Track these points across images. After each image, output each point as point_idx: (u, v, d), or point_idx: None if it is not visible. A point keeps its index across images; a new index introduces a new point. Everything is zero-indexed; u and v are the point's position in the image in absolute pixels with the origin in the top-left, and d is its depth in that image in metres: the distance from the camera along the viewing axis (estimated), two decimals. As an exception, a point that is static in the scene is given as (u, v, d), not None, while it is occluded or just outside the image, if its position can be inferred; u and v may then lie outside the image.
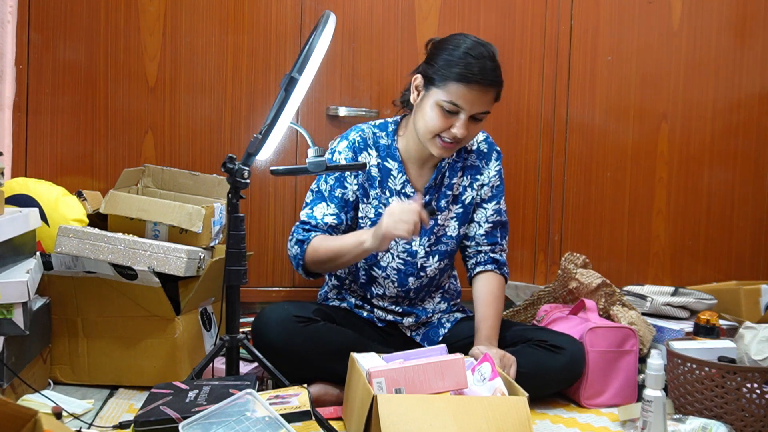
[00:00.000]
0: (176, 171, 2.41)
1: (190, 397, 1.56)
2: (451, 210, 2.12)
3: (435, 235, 2.11)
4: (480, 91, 1.90)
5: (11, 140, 2.45)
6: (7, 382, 1.79)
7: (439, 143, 1.95)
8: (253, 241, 2.57)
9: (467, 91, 1.89)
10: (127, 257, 1.98)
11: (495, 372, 1.68)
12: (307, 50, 1.71)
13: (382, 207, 2.07)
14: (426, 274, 2.13)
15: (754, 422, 1.79)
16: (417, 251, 2.10)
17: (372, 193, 2.08)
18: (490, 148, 2.16)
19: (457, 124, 1.92)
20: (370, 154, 2.08)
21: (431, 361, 1.64)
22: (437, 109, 1.92)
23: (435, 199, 2.10)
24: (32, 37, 2.44)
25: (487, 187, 2.14)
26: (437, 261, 2.13)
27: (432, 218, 2.07)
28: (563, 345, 2.02)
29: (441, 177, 2.11)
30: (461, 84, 1.89)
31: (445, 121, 1.92)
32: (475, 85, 1.89)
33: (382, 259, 2.10)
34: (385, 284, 2.12)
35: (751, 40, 2.79)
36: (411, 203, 1.84)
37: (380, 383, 1.61)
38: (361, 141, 2.08)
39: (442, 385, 1.62)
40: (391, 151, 2.08)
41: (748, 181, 2.83)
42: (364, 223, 2.09)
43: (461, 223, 2.13)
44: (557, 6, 2.69)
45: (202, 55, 2.52)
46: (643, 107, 2.76)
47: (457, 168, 2.12)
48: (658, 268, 2.81)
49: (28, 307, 1.81)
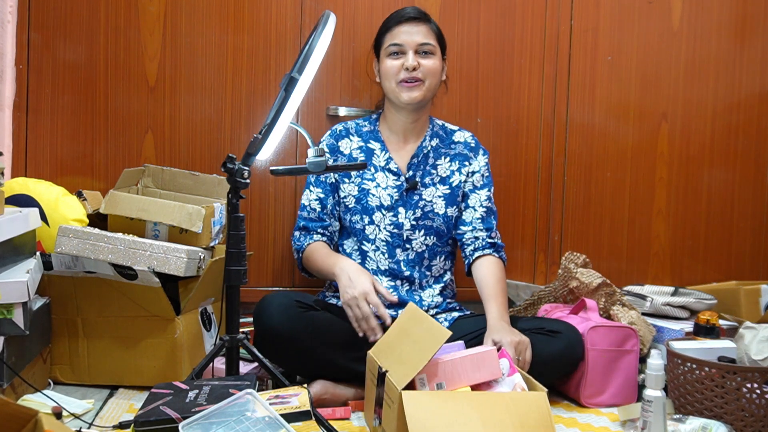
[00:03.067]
0: (176, 171, 2.41)
1: (190, 397, 1.56)
2: (438, 189, 2.23)
3: (421, 209, 2.20)
4: (411, 24, 2.18)
5: (11, 140, 2.45)
6: (8, 382, 1.79)
7: (403, 86, 2.16)
8: (253, 241, 2.57)
9: (398, 30, 2.18)
10: (127, 257, 1.98)
11: (513, 368, 1.71)
12: (307, 50, 1.71)
13: (366, 182, 2.21)
14: (412, 248, 2.20)
15: (754, 422, 1.79)
16: (403, 223, 2.20)
17: (354, 173, 2.21)
18: (477, 145, 2.32)
19: (406, 58, 2.15)
20: (351, 140, 2.25)
21: (468, 354, 1.69)
22: (387, 59, 2.19)
23: (418, 175, 2.22)
24: (32, 37, 2.44)
25: (478, 175, 2.28)
26: (423, 235, 2.20)
27: (415, 192, 2.20)
28: (559, 329, 2.04)
29: (424, 156, 2.24)
30: (394, 26, 2.19)
31: (396, 63, 2.17)
32: (404, 23, 2.18)
33: (371, 233, 2.19)
34: (376, 257, 2.20)
35: (751, 40, 2.79)
36: (369, 300, 1.96)
37: (422, 379, 1.64)
38: (343, 130, 2.28)
39: (478, 376, 1.67)
40: (374, 134, 2.26)
41: (748, 181, 2.83)
42: (348, 202, 2.22)
43: (448, 203, 2.24)
44: (557, 6, 2.69)
45: (202, 55, 2.52)
46: (643, 107, 2.76)
47: (441, 152, 2.27)
48: (658, 268, 2.81)
49: (28, 307, 1.81)
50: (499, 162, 2.66)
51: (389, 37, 2.19)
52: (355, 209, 2.20)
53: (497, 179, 2.52)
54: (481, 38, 2.65)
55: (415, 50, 2.16)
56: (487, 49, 2.65)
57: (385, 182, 2.21)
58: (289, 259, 2.61)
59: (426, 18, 2.21)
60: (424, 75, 2.16)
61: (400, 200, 2.20)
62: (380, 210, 2.19)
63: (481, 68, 2.66)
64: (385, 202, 2.19)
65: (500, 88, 2.67)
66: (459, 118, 2.63)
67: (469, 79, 2.65)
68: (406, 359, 1.66)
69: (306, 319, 1.96)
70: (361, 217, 2.20)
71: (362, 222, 2.20)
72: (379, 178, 2.21)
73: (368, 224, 2.20)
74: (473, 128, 2.63)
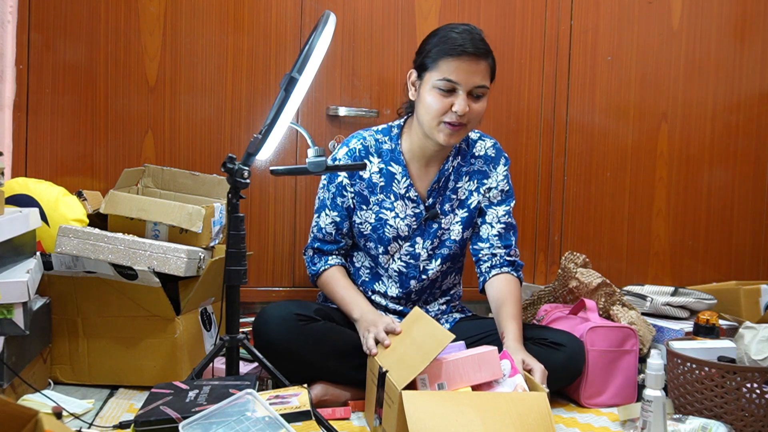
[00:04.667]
0: (176, 171, 2.41)
1: (190, 397, 1.56)
2: (456, 214, 2.12)
3: (438, 238, 2.11)
4: (470, 62, 1.91)
5: (11, 140, 2.45)
6: (8, 382, 1.79)
7: (445, 128, 1.95)
8: (253, 241, 2.57)
9: (458, 64, 1.91)
10: (127, 257, 1.98)
11: (515, 368, 1.70)
12: (307, 50, 1.71)
13: (384, 212, 2.08)
14: (428, 277, 2.13)
15: (754, 422, 1.79)
16: (420, 254, 2.10)
17: (373, 199, 2.09)
18: (498, 154, 2.15)
19: (457, 101, 1.92)
20: (372, 161, 2.09)
21: (469, 355, 1.68)
22: (434, 91, 1.94)
23: (439, 202, 2.10)
24: (32, 37, 2.44)
25: (495, 191, 2.12)
26: (439, 264, 2.13)
27: (435, 221, 2.09)
28: (563, 342, 2.02)
29: (445, 180, 2.10)
30: (451, 58, 1.91)
31: (444, 101, 1.93)
32: (464, 56, 1.91)
33: (384, 262, 2.11)
34: (388, 284, 2.14)
35: (751, 40, 2.79)
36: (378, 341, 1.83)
37: (423, 379, 1.64)
38: (363, 149, 2.09)
39: (479, 376, 1.66)
40: (394, 154, 2.09)
41: (748, 181, 2.83)
42: (364, 228, 2.10)
43: (465, 227, 2.13)
44: (557, 6, 2.69)
45: (202, 56, 2.52)
46: (643, 107, 2.76)
47: (462, 172, 2.12)
48: (658, 268, 2.81)
49: (28, 307, 1.81)
50: (499, 162, 2.66)
51: (444, 67, 1.91)
52: (371, 236, 2.10)
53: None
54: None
55: (469, 91, 1.93)
56: (487, 49, 2.65)
57: (403, 212, 2.08)
58: (289, 259, 2.61)
59: (487, 53, 1.95)
60: (470, 120, 1.96)
61: (418, 230, 2.09)
62: (396, 241, 2.09)
63: (481, 68, 2.65)
64: (402, 233, 2.08)
65: (500, 88, 2.67)
66: (459, 118, 2.63)
67: (469, 79, 2.65)
68: (408, 360, 1.66)
69: (306, 332, 1.93)
70: (376, 246, 2.10)
71: (376, 250, 2.11)
72: (398, 207, 2.08)
73: (382, 254, 2.10)
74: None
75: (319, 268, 2.12)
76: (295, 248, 2.60)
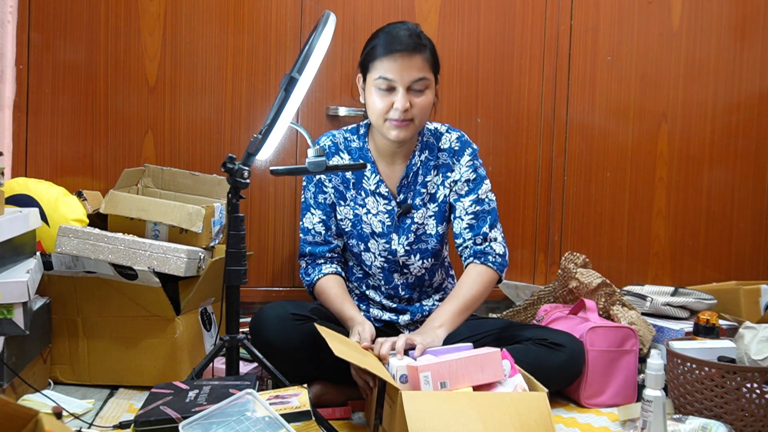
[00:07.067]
0: (176, 171, 2.41)
1: (190, 397, 1.56)
2: (429, 209, 2.13)
3: (414, 233, 2.11)
4: (403, 58, 1.95)
5: (11, 140, 2.45)
6: (8, 382, 1.79)
7: (391, 125, 1.99)
8: (253, 241, 2.57)
9: (391, 62, 1.95)
10: (127, 257, 1.98)
11: (515, 368, 1.71)
12: (307, 50, 1.71)
13: (358, 208, 2.11)
14: (410, 272, 2.14)
15: (754, 422, 1.79)
16: (396, 250, 2.11)
17: (348, 195, 2.12)
18: (462, 146, 2.13)
19: (397, 98, 1.96)
20: (342, 157, 2.12)
21: (472, 355, 1.69)
22: (375, 91, 1.98)
23: (410, 197, 2.12)
24: (32, 37, 2.44)
25: (460, 183, 2.11)
26: (419, 260, 2.13)
27: (408, 216, 2.10)
28: (563, 342, 2.02)
29: (414, 175, 2.11)
30: (384, 58, 1.96)
31: (386, 99, 1.97)
32: (396, 54, 1.95)
33: (367, 259, 2.13)
34: (375, 282, 2.16)
35: (751, 41, 2.79)
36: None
37: (427, 377, 1.65)
38: (332, 146, 2.13)
39: (482, 377, 1.67)
40: (363, 152, 2.12)
41: (748, 181, 2.83)
42: (345, 225, 2.12)
43: (439, 221, 2.13)
44: (557, 6, 2.69)
45: (202, 56, 2.52)
46: (643, 107, 2.76)
47: (430, 166, 2.12)
48: (658, 268, 2.81)
49: (28, 307, 1.81)
50: (499, 162, 2.67)
51: (379, 66, 1.96)
52: (352, 233, 2.12)
53: (497, 179, 2.52)
54: (481, 38, 2.65)
55: (408, 87, 1.95)
56: (487, 49, 2.65)
57: (375, 208, 2.10)
58: (288, 259, 2.61)
59: (420, 46, 1.97)
60: (415, 114, 1.98)
61: (392, 226, 2.10)
62: (374, 237, 2.11)
63: (481, 68, 2.66)
64: (377, 229, 2.10)
65: (500, 88, 2.67)
66: (459, 118, 2.64)
67: (469, 79, 2.65)
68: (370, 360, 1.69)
69: (302, 332, 1.93)
70: (357, 243, 2.12)
71: (359, 247, 2.12)
72: (369, 204, 2.10)
73: (364, 251, 2.12)
74: (473, 128, 2.64)
75: (312, 278, 2.11)
76: (295, 248, 2.60)
